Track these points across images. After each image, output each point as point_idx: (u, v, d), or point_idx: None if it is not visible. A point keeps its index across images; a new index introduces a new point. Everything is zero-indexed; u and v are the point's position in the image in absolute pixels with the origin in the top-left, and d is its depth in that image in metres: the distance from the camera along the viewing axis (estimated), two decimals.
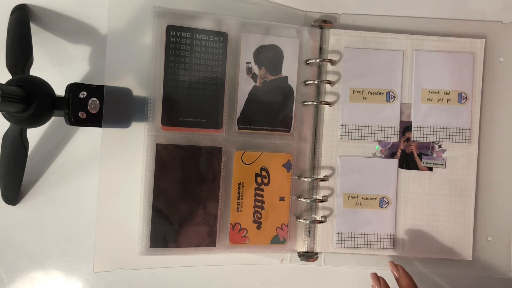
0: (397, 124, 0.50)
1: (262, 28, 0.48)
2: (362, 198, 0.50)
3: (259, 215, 0.48)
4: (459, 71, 0.50)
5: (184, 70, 0.46)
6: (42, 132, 0.50)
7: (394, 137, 0.50)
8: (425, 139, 0.50)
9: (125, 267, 0.46)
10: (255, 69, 0.48)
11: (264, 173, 0.49)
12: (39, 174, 0.50)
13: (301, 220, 0.49)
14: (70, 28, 0.50)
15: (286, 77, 0.49)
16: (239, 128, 0.48)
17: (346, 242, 0.50)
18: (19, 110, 0.41)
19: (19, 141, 0.46)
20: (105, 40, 0.47)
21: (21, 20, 0.48)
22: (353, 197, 0.50)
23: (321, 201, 0.50)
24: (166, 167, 0.46)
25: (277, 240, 0.49)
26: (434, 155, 0.50)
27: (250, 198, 0.48)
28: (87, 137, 0.50)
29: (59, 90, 0.44)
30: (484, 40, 0.51)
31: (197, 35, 0.46)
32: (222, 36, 0.47)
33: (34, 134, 0.50)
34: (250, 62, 0.48)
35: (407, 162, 0.50)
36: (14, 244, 0.50)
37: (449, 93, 0.50)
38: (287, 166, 0.49)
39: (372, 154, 0.50)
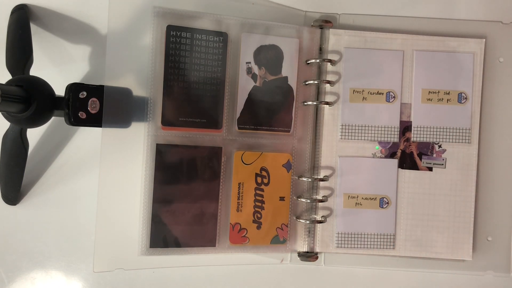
0: (397, 124, 0.50)
1: (262, 28, 0.48)
2: (362, 198, 0.50)
3: (259, 215, 0.49)
4: (459, 71, 0.50)
5: (184, 70, 0.46)
6: (42, 132, 0.50)
7: (394, 137, 0.50)
8: (425, 139, 0.50)
9: (125, 267, 0.46)
10: (255, 69, 0.48)
11: (264, 173, 0.49)
12: (39, 174, 0.50)
13: (301, 220, 0.49)
14: (70, 28, 0.50)
15: (286, 77, 0.49)
16: (239, 128, 0.48)
17: (346, 242, 0.50)
18: (19, 110, 0.41)
19: (19, 141, 0.46)
20: (105, 40, 0.47)
21: (21, 20, 0.48)
22: (353, 197, 0.50)
23: (321, 201, 0.50)
24: (166, 167, 0.46)
25: (277, 240, 0.49)
26: (434, 155, 0.50)
27: (250, 198, 0.48)
28: (87, 137, 0.50)
29: (59, 90, 0.44)
30: (484, 40, 0.51)
31: (197, 35, 0.46)
32: (222, 36, 0.47)
33: (34, 134, 0.50)
34: (250, 62, 0.48)
35: (407, 162, 0.50)
36: (14, 244, 0.50)
37: (449, 93, 0.50)
38: (287, 166, 0.49)
39: (372, 154, 0.50)
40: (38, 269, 0.50)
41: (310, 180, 0.50)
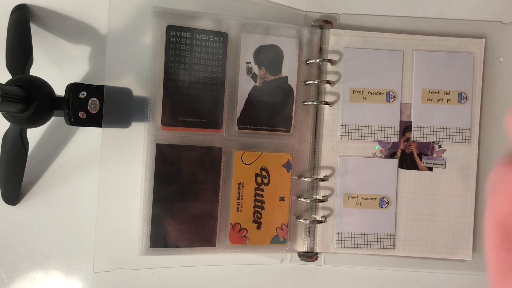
0: (397, 124, 0.50)
1: (262, 28, 0.48)
2: (362, 198, 0.50)
3: (259, 215, 0.48)
4: (459, 71, 0.50)
5: (184, 70, 0.46)
6: (42, 132, 0.50)
7: (394, 137, 0.50)
8: (425, 139, 0.50)
9: (125, 267, 0.46)
10: (255, 69, 0.48)
11: (264, 173, 0.49)
12: (39, 174, 0.50)
13: (301, 220, 0.49)
14: (70, 28, 0.50)
15: (286, 77, 0.49)
16: (239, 128, 0.48)
17: (346, 242, 0.50)
18: (19, 110, 0.41)
19: (19, 141, 0.46)
20: (105, 40, 0.47)
21: (21, 20, 0.48)
22: (353, 197, 0.50)
23: (321, 201, 0.50)
24: (166, 167, 0.46)
25: (277, 240, 0.49)
26: (434, 155, 0.50)
27: (250, 198, 0.48)
28: (87, 137, 0.50)
29: (59, 90, 0.44)
30: (484, 40, 0.51)
31: (197, 35, 0.46)
32: (222, 36, 0.47)
33: (34, 134, 0.50)
34: (250, 62, 0.48)
35: (407, 162, 0.50)
36: (14, 244, 0.50)
37: (449, 93, 0.50)
38: (287, 166, 0.49)
39: (372, 154, 0.50)
40: (38, 269, 0.50)
41: (310, 180, 0.50)
